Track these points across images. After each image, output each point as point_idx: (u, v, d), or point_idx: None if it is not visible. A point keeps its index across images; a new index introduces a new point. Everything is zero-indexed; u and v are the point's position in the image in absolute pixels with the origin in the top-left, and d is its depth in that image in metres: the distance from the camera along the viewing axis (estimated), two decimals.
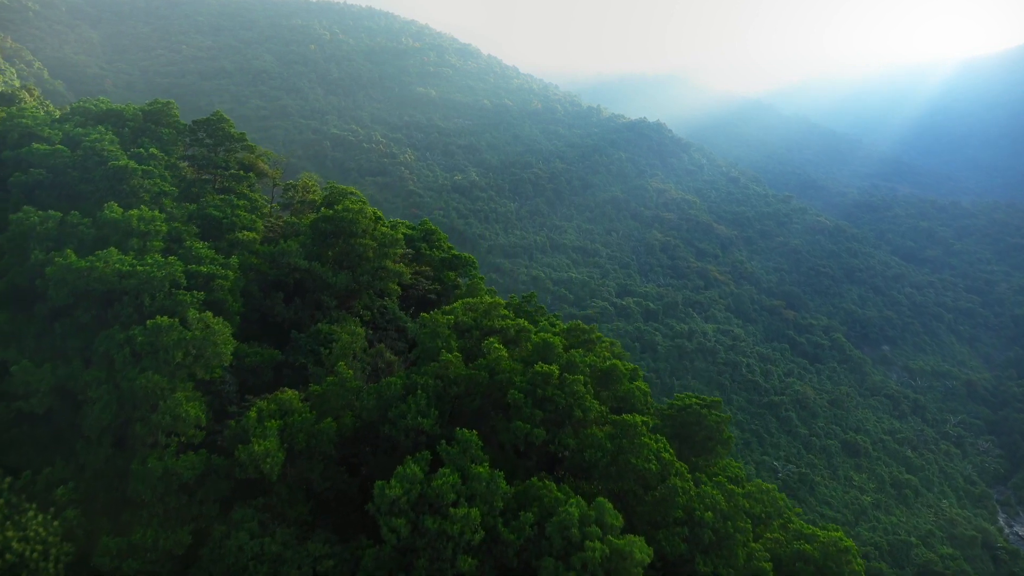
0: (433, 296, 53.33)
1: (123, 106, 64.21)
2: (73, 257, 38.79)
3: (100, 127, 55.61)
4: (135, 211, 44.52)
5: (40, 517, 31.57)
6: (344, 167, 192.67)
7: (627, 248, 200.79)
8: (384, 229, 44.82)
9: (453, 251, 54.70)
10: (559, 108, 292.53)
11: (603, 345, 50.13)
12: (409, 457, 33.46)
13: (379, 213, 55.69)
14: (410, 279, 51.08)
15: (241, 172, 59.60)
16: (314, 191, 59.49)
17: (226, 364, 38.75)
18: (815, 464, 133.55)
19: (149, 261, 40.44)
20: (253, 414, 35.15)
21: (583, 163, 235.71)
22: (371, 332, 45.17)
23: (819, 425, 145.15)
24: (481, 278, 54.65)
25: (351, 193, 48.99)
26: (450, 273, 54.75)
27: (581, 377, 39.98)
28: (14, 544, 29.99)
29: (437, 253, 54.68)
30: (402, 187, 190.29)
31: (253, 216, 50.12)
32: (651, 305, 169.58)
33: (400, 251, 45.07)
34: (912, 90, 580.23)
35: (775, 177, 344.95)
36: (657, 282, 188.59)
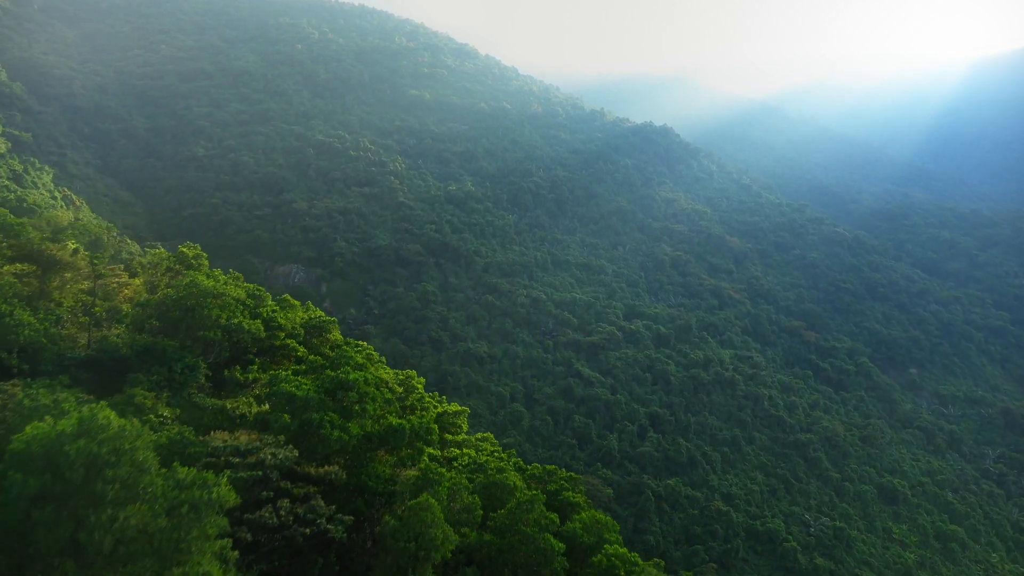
0: (338, 535, 28.33)
1: None
2: None
3: None
4: None
5: None
6: (328, 177, 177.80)
7: (634, 264, 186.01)
8: (188, 475, 20.30)
9: (391, 417, 29.79)
10: (560, 111, 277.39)
11: None
12: None
13: (294, 325, 35.37)
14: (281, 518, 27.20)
15: None
16: (168, 274, 39.68)
17: None
18: (850, 515, 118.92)
19: None
20: None
21: (586, 171, 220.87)
22: None
23: (851, 467, 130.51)
24: (442, 470, 31.17)
25: (213, 297, 30.67)
26: (380, 466, 29.23)
27: None
28: None
29: (355, 429, 29.54)
30: (391, 199, 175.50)
31: None
32: (662, 329, 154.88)
33: (220, 545, 19.49)
34: (920, 93, 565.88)
35: (785, 183, 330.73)
36: (668, 302, 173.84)
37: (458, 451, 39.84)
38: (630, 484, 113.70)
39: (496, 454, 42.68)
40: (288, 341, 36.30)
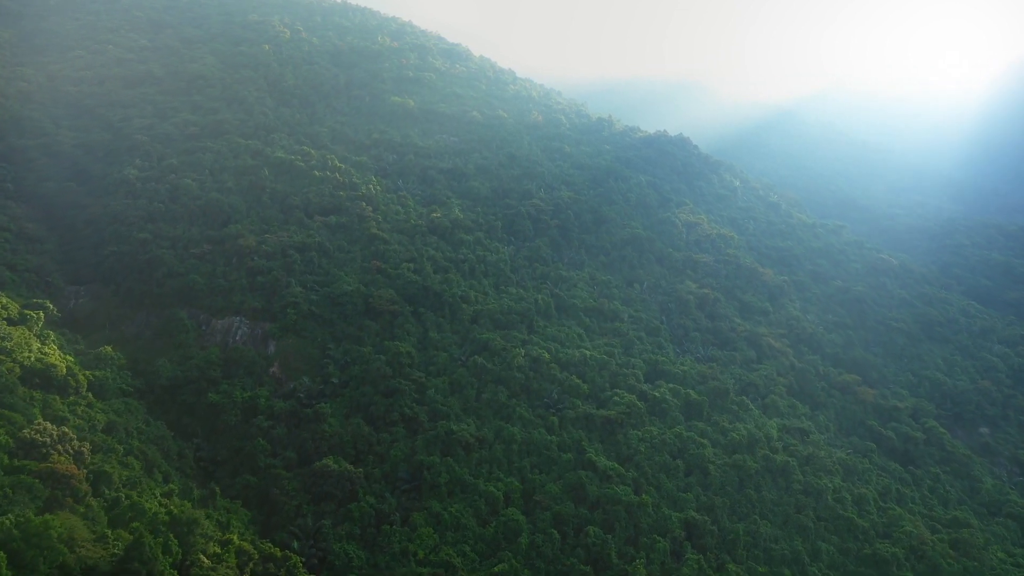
0: None
1: None
2: None
3: None
4: None
5: None
6: (286, 204, 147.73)
7: (654, 305, 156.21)
8: None
9: None
10: (564, 120, 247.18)
11: None
12: None
13: None
14: None
15: None
16: None
17: None
18: None
19: None
20: None
21: (595, 190, 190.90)
22: None
23: None
24: None
25: None
26: None
27: None
28: None
29: None
30: (362, 229, 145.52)
31: None
32: (692, 394, 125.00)
33: None
34: (942, 97, 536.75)
35: (809, 196, 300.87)
36: (696, 354, 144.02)
37: None
38: None
39: None
40: None
